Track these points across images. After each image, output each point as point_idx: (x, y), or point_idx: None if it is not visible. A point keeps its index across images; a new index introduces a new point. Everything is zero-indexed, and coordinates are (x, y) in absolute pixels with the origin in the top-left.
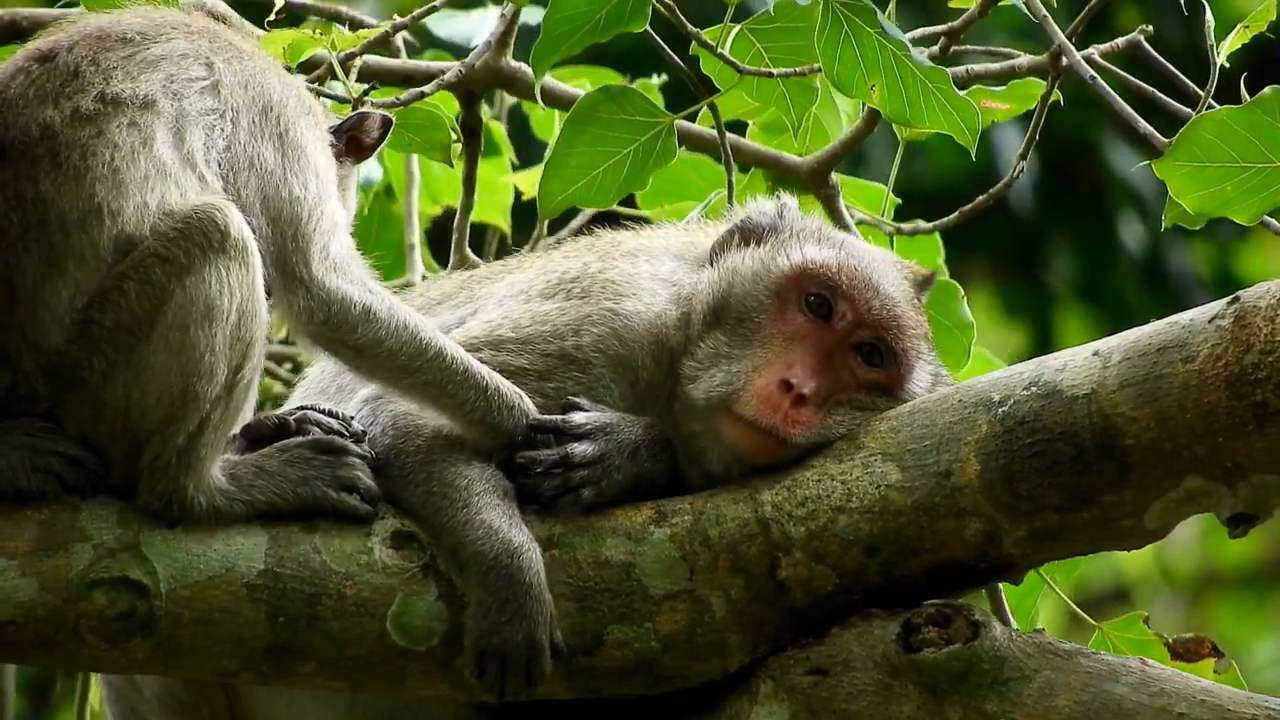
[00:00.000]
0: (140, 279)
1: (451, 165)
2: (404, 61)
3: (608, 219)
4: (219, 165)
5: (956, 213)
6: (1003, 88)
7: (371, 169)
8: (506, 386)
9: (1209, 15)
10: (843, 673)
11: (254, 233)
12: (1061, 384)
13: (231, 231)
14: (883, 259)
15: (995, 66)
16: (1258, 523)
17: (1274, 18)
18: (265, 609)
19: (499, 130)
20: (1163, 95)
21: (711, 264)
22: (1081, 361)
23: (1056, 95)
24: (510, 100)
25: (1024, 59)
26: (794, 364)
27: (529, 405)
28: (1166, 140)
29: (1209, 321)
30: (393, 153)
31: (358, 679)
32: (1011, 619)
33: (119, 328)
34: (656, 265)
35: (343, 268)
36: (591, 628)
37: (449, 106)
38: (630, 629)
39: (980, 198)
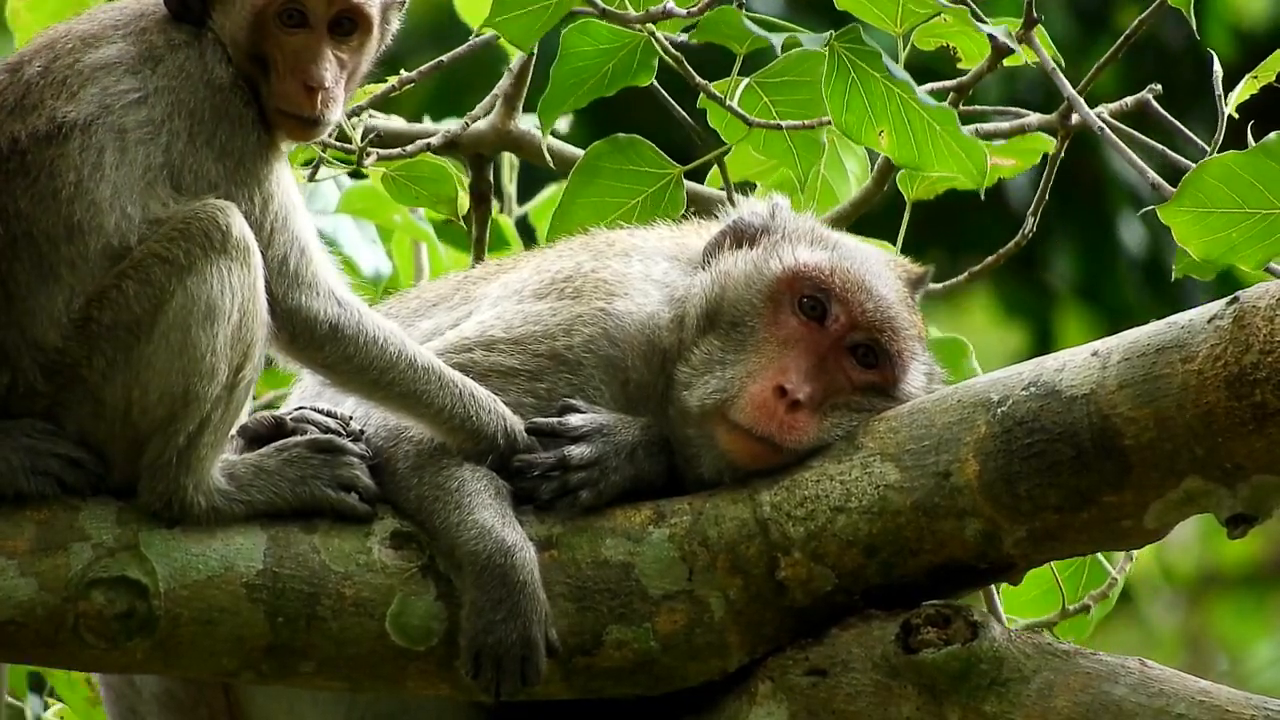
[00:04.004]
0: (140, 279)
1: (458, 219)
2: (411, 125)
3: None
4: (168, 177)
5: (965, 274)
6: (1005, 140)
7: (381, 261)
8: (482, 392)
9: (1217, 66)
10: (842, 673)
11: None
12: (1060, 384)
13: (233, 232)
14: (876, 259)
15: (1005, 125)
16: (1257, 523)
17: None
18: (264, 609)
19: (508, 225)
20: (1172, 152)
21: (704, 266)
22: (1080, 362)
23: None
24: (519, 209)
25: (1034, 117)
26: (788, 369)
27: (503, 408)
28: (1174, 189)
29: (1208, 322)
30: (401, 245)
31: (357, 679)
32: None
33: (118, 326)
34: (650, 266)
35: (305, 282)
36: (590, 628)
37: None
38: (629, 629)
39: (989, 259)
